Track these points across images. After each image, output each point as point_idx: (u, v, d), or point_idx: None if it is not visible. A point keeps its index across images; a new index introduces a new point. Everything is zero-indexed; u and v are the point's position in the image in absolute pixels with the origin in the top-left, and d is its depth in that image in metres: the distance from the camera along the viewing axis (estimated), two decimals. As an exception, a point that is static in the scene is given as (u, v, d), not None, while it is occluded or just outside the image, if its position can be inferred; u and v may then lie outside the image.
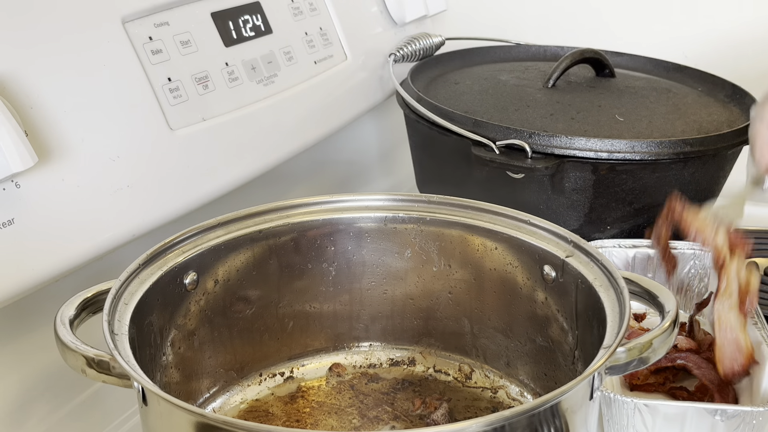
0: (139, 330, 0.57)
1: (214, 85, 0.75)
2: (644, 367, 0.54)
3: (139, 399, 0.51)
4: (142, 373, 0.49)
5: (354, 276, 0.72)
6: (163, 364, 0.62)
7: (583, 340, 0.62)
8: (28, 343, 0.69)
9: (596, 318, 0.57)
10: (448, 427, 0.50)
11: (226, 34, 0.78)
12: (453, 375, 0.72)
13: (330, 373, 0.72)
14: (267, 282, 0.69)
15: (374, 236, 0.71)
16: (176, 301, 0.63)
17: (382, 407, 0.68)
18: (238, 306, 0.68)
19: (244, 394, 0.69)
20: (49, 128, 0.62)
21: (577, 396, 0.50)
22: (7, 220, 0.58)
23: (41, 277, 0.61)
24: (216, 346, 0.67)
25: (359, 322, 0.74)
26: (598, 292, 0.58)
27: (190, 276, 0.63)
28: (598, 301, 0.57)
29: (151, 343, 0.60)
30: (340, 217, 0.70)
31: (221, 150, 0.75)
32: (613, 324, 0.54)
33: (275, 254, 0.69)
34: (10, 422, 0.67)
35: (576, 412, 0.50)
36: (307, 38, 0.88)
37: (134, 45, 0.69)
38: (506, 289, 0.68)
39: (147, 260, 0.60)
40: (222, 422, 0.45)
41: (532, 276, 0.66)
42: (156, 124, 0.69)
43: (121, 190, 0.66)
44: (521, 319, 0.68)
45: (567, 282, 0.62)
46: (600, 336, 0.54)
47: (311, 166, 1.02)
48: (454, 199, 0.69)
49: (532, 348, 0.68)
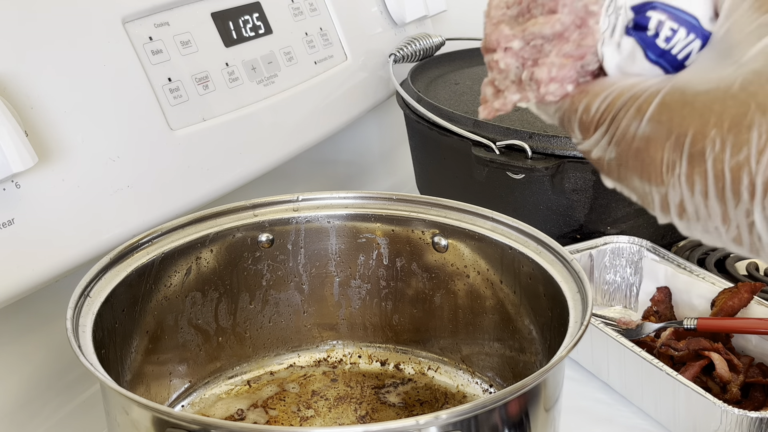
0: (104, 329, 0.58)
1: (214, 86, 0.75)
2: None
3: (103, 397, 0.52)
4: (103, 371, 0.50)
5: (321, 275, 0.73)
6: (130, 363, 0.63)
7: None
8: (29, 343, 0.69)
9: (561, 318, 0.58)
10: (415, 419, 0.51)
11: (226, 34, 0.78)
12: (417, 371, 0.73)
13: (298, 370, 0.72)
14: (234, 281, 0.70)
15: (341, 234, 0.72)
16: (143, 300, 0.64)
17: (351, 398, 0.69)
18: (205, 306, 0.69)
19: (212, 393, 0.70)
20: (49, 128, 0.62)
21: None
22: (7, 220, 0.58)
23: (41, 278, 0.61)
24: (183, 346, 0.68)
25: (326, 320, 0.75)
26: (563, 290, 0.59)
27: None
28: (563, 300, 0.58)
29: (117, 343, 0.61)
30: (307, 215, 0.71)
31: (221, 150, 0.75)
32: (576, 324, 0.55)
33: (243, 253, 0.70)
34: (11, 422, 0.67)
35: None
36: (307, 38, 0.88)
37: (134, 45, 0.69)
38: (474, 287, 0.69)
39: (114, 259, 0.61)
40: (180, 418, 0.46)
41: (498, 272, 0.67)
42: (156, 124, 0.69)
43: (121, 190, 0.66)
44: (489, 315, 0.69)
45: (536, 280, 0.63)
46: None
47: (311, 166, 1.02)
48: (419, 197, 0.70)
49: (500, 346, 0.69)
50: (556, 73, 0.39)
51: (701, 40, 0.38)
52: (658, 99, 0.37)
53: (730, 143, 0.34)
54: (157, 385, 0.67)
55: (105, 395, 0.54)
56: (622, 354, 0.69)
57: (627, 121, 0.37)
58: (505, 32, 0.40)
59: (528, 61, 0.40)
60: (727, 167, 0.34)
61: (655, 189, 0.37)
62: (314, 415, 0.67)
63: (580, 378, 0.75)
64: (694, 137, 0.35)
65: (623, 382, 0.72)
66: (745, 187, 0.34)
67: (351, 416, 0.67)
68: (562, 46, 0.39)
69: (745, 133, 0.34)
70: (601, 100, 0.39)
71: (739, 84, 0.35)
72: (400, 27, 1.05)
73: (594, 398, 0.73)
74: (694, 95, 0.36)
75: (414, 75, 0.99)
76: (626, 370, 0.70)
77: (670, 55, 0.39)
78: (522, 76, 0.40)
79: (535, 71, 0.40)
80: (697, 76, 0.37)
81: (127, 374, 0.63)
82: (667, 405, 0.67)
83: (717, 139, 0.35)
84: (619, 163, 0.38)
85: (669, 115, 0.36)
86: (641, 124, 0.37)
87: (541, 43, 0.40)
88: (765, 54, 0.35)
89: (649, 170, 0.37)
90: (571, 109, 0.40)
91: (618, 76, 0.39)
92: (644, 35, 0.38)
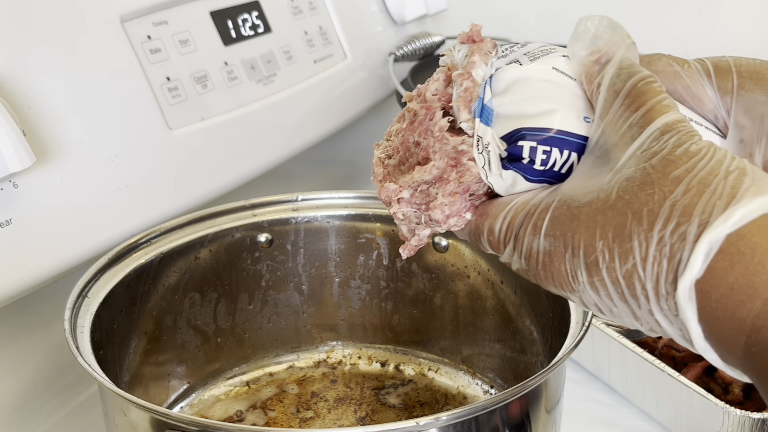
0: (103, 329, 0.58)
1: (213, 85, 0.75)
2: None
3: (101, 398, 0.51)
4: (101, 372, 0.50)
5: (321, 275, 0.73)
6: (128, 364, 0.63)
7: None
8: (27, 344, 0.69)
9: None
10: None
11: (225, 33, 0.78)
12: (418, 372, 0.73)
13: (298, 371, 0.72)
14: (233, 282, 0.70)
15: (341, 235, 0.71)
16: (142, 301, 0.64)
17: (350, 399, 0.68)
18: (204, 307, 0.69)
19: (211, 394, 0.70)
20: (47, 128, 0.62)
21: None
22: (5, 221, 0.58)
23: (39, 278, 0.61)
24: (182, 346, 0.68)
25: (326, 321, 0.74)
26: None
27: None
28: (564, 300, 0.58)
29: (116, 343, 0.61)
30: (307, 215, 0.71)
31: (220, 150, 0.75)
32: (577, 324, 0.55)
33: (242, 253, 0.69)
34: (9, 423, 0.67)
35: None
36: (307, 37, 0.88)
37: (133, 44, 0.69)
38: (475, 287, 0.69)
39: (112, 260, 0.61)
40: (178, 420, 0.46)
41: (498, 273, 0.67)
42: (155, 123, 0.69)
43: (119, 190, 0.66)
44: (490, 316, 0.69)
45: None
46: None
47: (311, 166, 1.01)
48: None
49: (501, 347, 0.69)
50: (449, 210, 0.41)
51: (578, 152, 0.39)
52: (548, 215, 0.38)
53: (617, 253, 0.35)
54: (156, 386, 0.66)
55: (103, 396, 0.54)
56: (624, 355, 0.69)
57: (528, 239, 0.39)
58: (392, 188, 0.43)
59: (422, 205, 0.43)
60: (620, 275, 0.35)
61: (570, 294, 0.39)
62: (314, 416, 0.67)
63: (582, 379, 0.75)
64: (586, 249, 0.36)
65: (625, 383, 0.71)
66: (639, 293, 0.35)
67: (351, 418, 0.67)
68: (445, 187, 0.41)
69: (628, 243, 0.35)
70: (501, 222, 0.40)
71: (616, 193, 0.36)
72: (400, 26, 1.04)
73: (595, 399, 0.73)
74: (579, 207, 0.37)
75: (414, 74, 0.98)
76: (628, 371, 0.70)
77: (551, 172, 0.40)
78: (422, 219, 0.43)
79: (431, 213, 0.42)
80: (580, 185, 0.38)
81: (126, 375, 0.63)
82: (669, 406, 0.67)
83: (606, 250, 0.36)
84: (532, 274, 0.39)
85: (561, 229, 0.37)
86: (540, 240, 0.38)
87: (427, 188, 0.42)
88: (636, 159, 0.36)
89: (558, 280, 0.38)
90: (477, 232, 0.42)
91: (511, 195, 0.41)
92: (520, 164, 0.39)
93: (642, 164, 0.36)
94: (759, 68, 0.42)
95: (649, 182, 0.35)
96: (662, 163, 0.35)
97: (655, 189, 0.35)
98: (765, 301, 0.32)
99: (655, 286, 0.34)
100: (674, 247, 0.34)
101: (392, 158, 0.44)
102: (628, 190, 0.35)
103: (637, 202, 0.35)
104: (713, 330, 0.33)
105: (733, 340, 0.33)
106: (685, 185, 0.34)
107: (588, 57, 0.40)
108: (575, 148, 0.39)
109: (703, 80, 0.42)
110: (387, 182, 0.43)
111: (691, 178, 0.34)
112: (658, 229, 0.34)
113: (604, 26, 0.41)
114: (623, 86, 0.38)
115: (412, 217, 0.43)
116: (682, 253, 0.33)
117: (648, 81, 0.38)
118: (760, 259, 0.32)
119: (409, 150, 0.43)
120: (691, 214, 0.34)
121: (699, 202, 0.34)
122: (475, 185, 0.41)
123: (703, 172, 0.34)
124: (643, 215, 0.35)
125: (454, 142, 0.41)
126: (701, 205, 0.33)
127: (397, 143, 0.44)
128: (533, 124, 0.39)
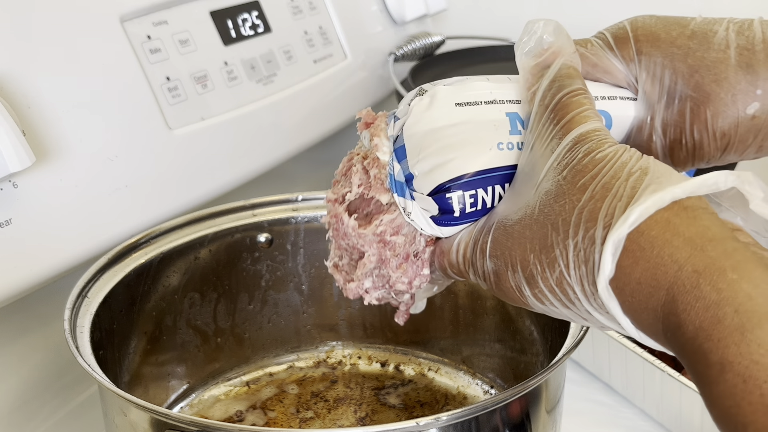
0: (102, 329, 0.58)
1: (213, 85, 0.75)
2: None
3: (101, 398, 0.51)
4: (101, 372, 0.50)
5: (321, 275, 0.72)
6: (128, 364, 0.63)
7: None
8: (26, 344, 0.69)
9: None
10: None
11: (225, 33, 0.78)
12: (417, 372, 0.73)
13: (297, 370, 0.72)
14: (233, 282, 0.70)
15: None
16: (141, 301, 0.64)
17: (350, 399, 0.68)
18: (204, 307, 0.69)
19: (211, 394, 0.70)
20: (47, 128, 0.62)
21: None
22: (4, 221, 0.58)
23: (39, 278, 0.61)
24: (182, 346, 0.68)
25: (326, 321, 0.74)
26: None
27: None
28: None
29: (115, 344, 0.61)
30: (307, 215, 0.71)
31: (220, 150, 0.75)
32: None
33: (242, 253, 0.69)
34: (8, 424, 0.67)
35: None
36: (307, 37, 0.88)
37: (133, 44, 0.69)
38: (475, 287, 0.69)
39: (112, 260, 0.61)
40: (178, 420, 0.46)
41: None
42: (154, 123, 0.69)
43: (119, 190, 0.66)
44: (490, 316, 0.69)
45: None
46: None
47: (311, 166, 1.01)
48: None
49: (501, 347, 0.69)
50: (407, 278, 0.45)
51: (502, 183, 0.42)
52: (489, 238, 0.41)
53: (546, 264, 0.38)
54: (156, 387, 0.66)
55: (103, 397, 0.54)
56: (624, 355, 0.69)
57: (479, 263, 0.41)
58: (353, 286, 0.47)
59: (386, 285, 0.46)
60: (553, 284, 0.38)
61: (525, 307, 0.41)
62: (313, 416, 0.67)
63: (582, 379, 0.75)
64: (522, 264, 0.39)
65: (625, 383, 0.71)
66: (573, 297, 0.37)
67: (351, 418, 0.67)
68: (389, 265, 0.45)
69: (552, 252, 0.37)
70: (455, 255, 0.43)
71: (538, 208, 0.38)
72: (400, 25, 1.04)
73: (595, 399, 0.73)
74: (511, 226, 0.39)
75: (414, 74, 0.98)
76: (628, 371, 0.70)
77: (484, 210, 0.42)
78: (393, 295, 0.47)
79: (395, 288, 0.46)
80: (512, 204, 0.40)
81: (126, 375, 0.62)
82: (670, 406, 0.66)
83: (537, 262, 0.38)
84: (493, 293, 0.42)
85: (501, 249, 0.40)
86: (487, 262, 0.41)
87: (378, 271, 0.46)
88: (552, 171, 0.38)
89: (510, 296, 0.41)
90: (442, 269, 0.45)
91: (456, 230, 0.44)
92: (450, 217, 0.42)
93: (556, 177, 0.38)
94: (654, 29, 0.44)
95: (561, 193, 0.37)
96: (571, 173, 0.37)
97: (566, 199, 0.37)
98: (667, 290, 0.33)
99: (582, 288, 0.36)
100: (587, 251, 0.36)
101: (342, 260, 0.48)
102: (546, 204, 0.38)
103: (553, 213, 0.37)
104: (638, 321, 0.35)
105: (654, 328, 0.35)
106: (590, 192, 0.36)
107: (528, 62, 0.42)
108: (498, 181, 0.41)
109: (606, 53, 0.44)
110: (348, 283, 0.47)
111: (596, 184, 0.36)
112: (572, 236, 0.36)
113: (550, 30, 0.42)
114: (552, 100, 0.40)
115: (387, 296, 0.47)
116: (594, 256, 0.35)
117: (573, 93, 0.40)
118: (659, 251, 0.34)
119: (347, 250, 0.47)
120: (596, 218, 0.35)
121: (602, 206, 0.36)
122: (412, 247, 0.44)
123: (606, 177, 0.36)
124: (559, 225, 0.37)
125: (371, 231, 0.44)
126: (604, 209, 0.35)
127: (336, 248, 0.48)
128: (450, 175, 0.41)
